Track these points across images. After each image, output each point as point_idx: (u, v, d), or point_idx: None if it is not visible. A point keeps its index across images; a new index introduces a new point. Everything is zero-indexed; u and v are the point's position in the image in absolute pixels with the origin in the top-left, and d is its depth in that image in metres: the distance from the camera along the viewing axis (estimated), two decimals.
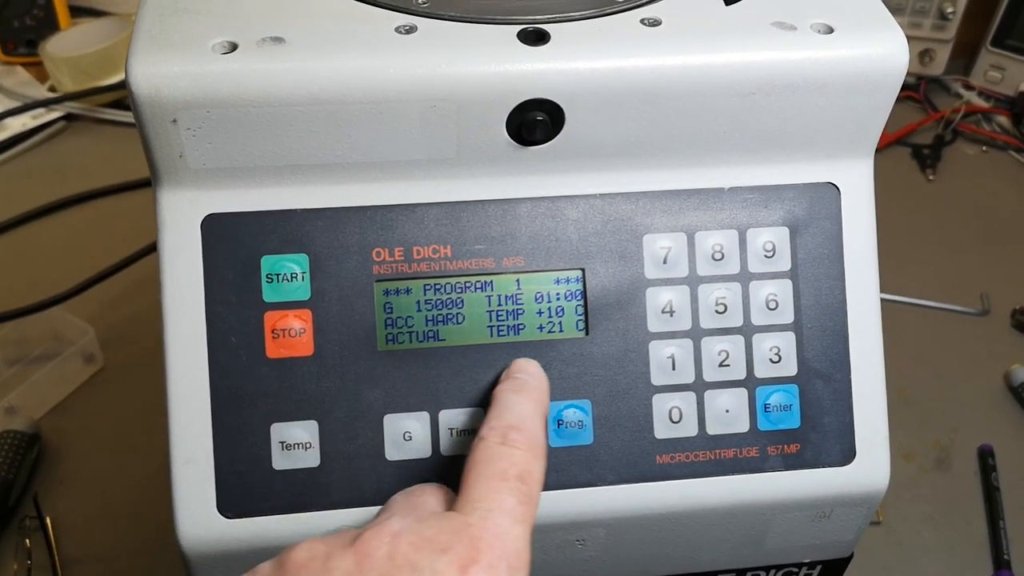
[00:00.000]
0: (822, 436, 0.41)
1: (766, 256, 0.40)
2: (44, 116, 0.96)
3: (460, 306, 0.39)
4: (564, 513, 0.40)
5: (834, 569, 0.45)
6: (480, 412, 0.39)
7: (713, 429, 0.40)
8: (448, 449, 0.39)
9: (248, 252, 0.38)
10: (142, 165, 0.37)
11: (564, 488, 0.39)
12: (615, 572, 0.43)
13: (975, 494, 0.65)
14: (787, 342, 0.40)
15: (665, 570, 0.43)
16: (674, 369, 0.40)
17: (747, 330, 0.40)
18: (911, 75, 1.03)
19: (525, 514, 0.32)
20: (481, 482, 0.33)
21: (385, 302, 0.39)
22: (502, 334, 0.39)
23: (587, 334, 0.40)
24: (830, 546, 0.44)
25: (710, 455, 0.40)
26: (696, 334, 0.40)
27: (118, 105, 0.97)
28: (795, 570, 0.45)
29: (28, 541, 0.59)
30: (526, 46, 0.37)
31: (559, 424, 0.39)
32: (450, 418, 0.39)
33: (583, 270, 0.40)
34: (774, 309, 0.40)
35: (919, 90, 1.02)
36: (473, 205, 0.39)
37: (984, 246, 0.86)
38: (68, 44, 0.98)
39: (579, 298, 0.40)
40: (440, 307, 0.39)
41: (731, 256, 0.40)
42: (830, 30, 0.38)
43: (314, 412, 0.38)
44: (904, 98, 1.02)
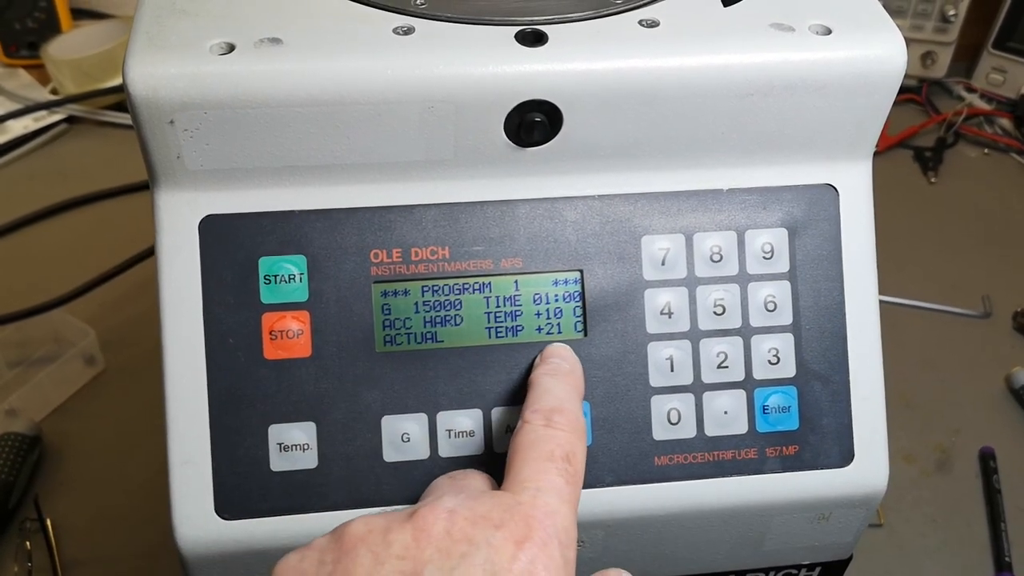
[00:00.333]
0: (821, 438, 0.40)
1: (764, 258, 0.40)
2: (46, 118, 0.96)
3: (458, 307, 0.39)
4: None
5: (833, 571, 0.45)
6: (478, 414, 0.39)
7: (711, 431, 0.40)
8: (446, 450, 0.39)
9: (246, 253, 0.38)
10: (144, 167, 0.37)
11: None
12: None
13: (976, 496, 0.65)
14: (786, 344, 0.40)
15: (664, 572, 0.43)
16: (672, 371, 0.40)
17: (745, 332, 0.40)
18: (913, 77, 1.02)
19: (572, 494, 0.33)
20: (529, 463, 0.33)
21: (383, 303, 0.39)
22: (500, 336, 0.39)
23: (585, 335, 0.40)
24: (829, 548, 0.44)
25: (708, 457, 0.40)
26: (694, 336, 0.40)
27: (120, 107, 0.97)
28: (794, 572, 0.45)
29: (28, 543, 0.59)
30: (524, 47, 0.37)
31: None
32: (448, 419, 0.39)
33: (581, 271, 0.40)
34: (772, 311, 0.40)
35: (921, 93, 1.02)
36: (471, 206, 0.39)
37: (986, 248, 0.86)
38: (70, 46, 0.98)
39: (577, 299, 0.40)
40: (438, 308, 0.39)
41: (729, 257, 0.40)
42: (828, 31, 0.38)
43: (312, 413, 0.38)
44: (906, 100, 1.01)
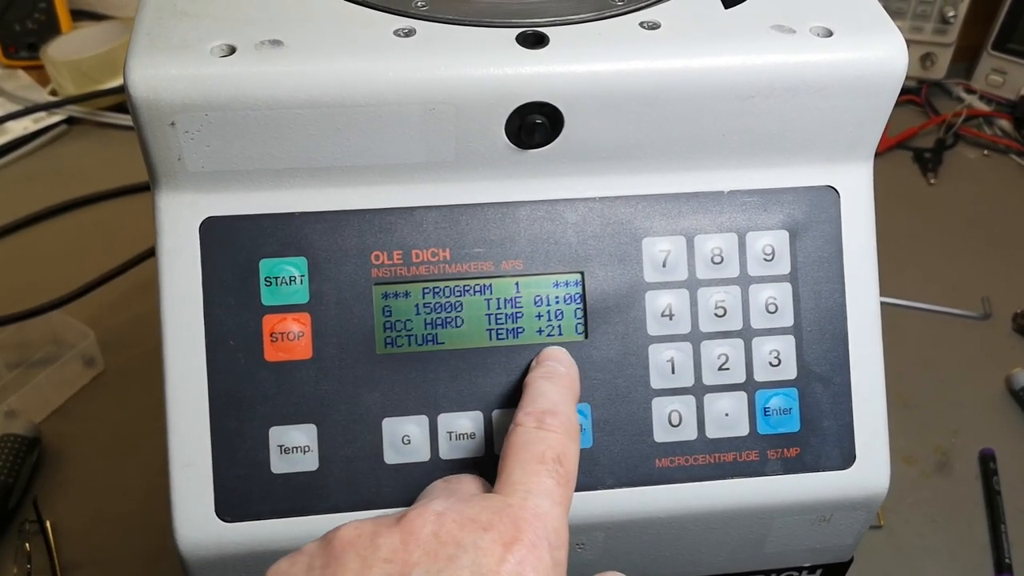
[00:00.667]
0: (822, 440, 0.40)
1: (765, 259, 0.40)
2: (45, 120, 0.96)
3: (459, 309, 0.39)
4: None
5: (834, 573, 0.45)
6: (479, 416, 0.39)
7: (712, 433, 0.40)
8: (447, 453, 0.39)
9: (247, 255, 0.38)
10: (144, 168, 0.37)
11: None
12: None
13: (976, 498, 0.65)
14: (787, 346, 0.40)
15: (664, 574, 0.43)
16: (673, 373, 0.40)
17: (746, 334, 0.40)
18: (912, 79, 1.02)
19: (563, 495, 0.33)
20: (520, 465, 0.33)
21: (384, 305, 0.39)
22: (501, 337, 0.39)
23: (586, 337, 0.40)
24: (830, 550, 0.44)
25: (709, 459, 0.40)
26: (695, 338, 0.40)
27: (120, 108, 0.97)
28: (795, 574, 0.45)
29: (28, 545, 0.59)
30: (525, 49, 0.37)
31: None
32: (449, 421, 0.39)
33: (582, 273, 0.40)
34: (773, 312, 0.40)
35: (920, 94, 1.02)
36: (472, 208, 0.39)
37: (985, 250, 0.86)
38: (69, 48, 0.98)
39: (578, 301, 0.40)
40: (439, 310, 0.39)
41: (730, 259, 0.40)
42: (829, 33, 0.38)
43: (313, 416, 0.38)
44: (905, 102, 1.01)
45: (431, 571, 0.29)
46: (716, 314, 0.40)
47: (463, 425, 0.39)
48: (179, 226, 0.38)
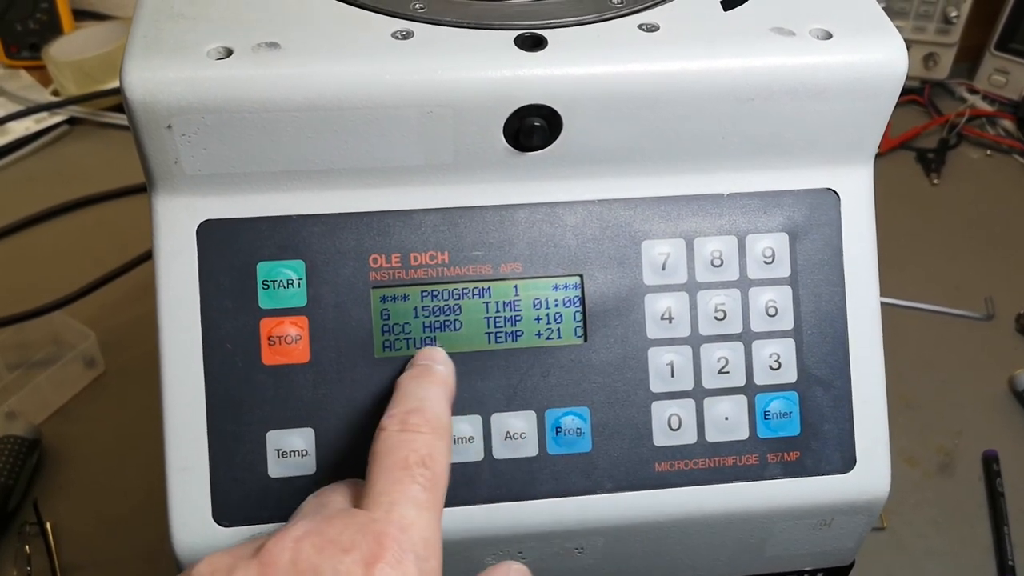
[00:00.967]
0: (822, 443, 0.40)
1: (765, 262, 0.40)
2: (47, 120, 0.96)
3: (457, 313, 0.39)
4: (562, 521, 0.39)
5: None
6: (477, 419, 0.39)
7: (712, 436, 0.40)
8: None
9: (244, 258, 0.38)
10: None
11: (562, 496, 0.39)
12: None
13: (979, 499, 0.65)
14: (787, 349, 0.40)
15: None
16: (673, 376, 0.40)
17: (746, 337, 0.40)
18: (915, 79, 1.02)
19: (431, 500, 0.32)
20: (383, 474, 0.32)
21: (382, 309, 0.38)
22: (500, 341, 0.39)
23: (585, 341, 0.39)
24: (831, 554, 0.44)
25: (709, 463, 0.40)
26: (695, 341, 0.40)
27: (121, 109, 0.96)
28: None
29: (28, 547, 0.59)
30: (523, 51, 0.36)
31: (557, 431, 0.39)
32: None
33: (581, 276, 0.39)
34: (773, 316, 0.40)
35: (923, 94, 1.02)
36: (470, 211, 0.39)
37: (988, 250, 0.86)
38: (71, 48, 0.98)
39: (577, 304, 0.39)
40: (437, 314, 0.39)
41: (730, 262, 0.40)
42: (829, 36, 0.38)
43: (310, 419, 0.38)
44: (908, 102, 1.01)
45: None
46: (716, 317, 0.40)
47: (461, 429, 0.39)
48: (176, 229, 0.38)
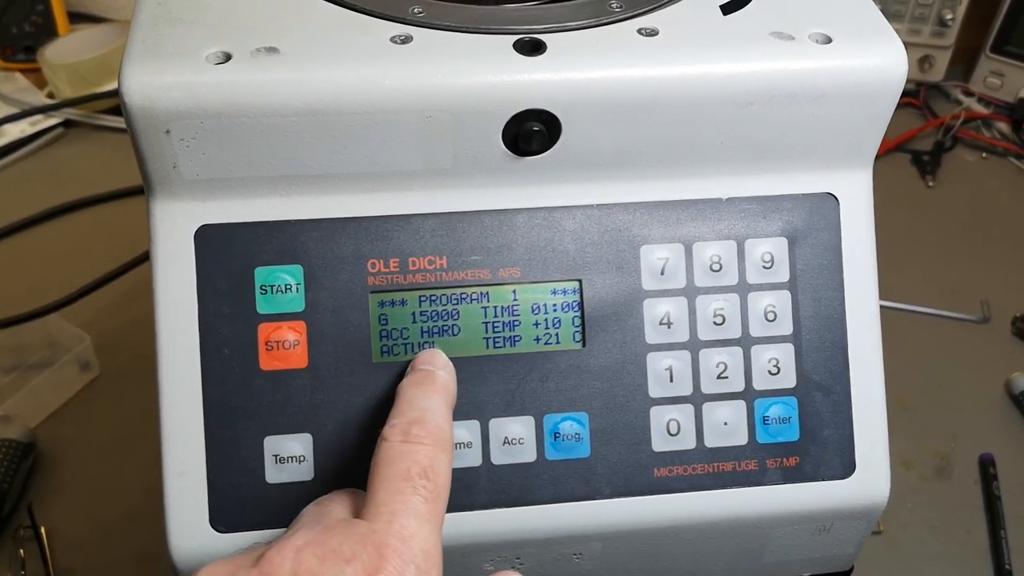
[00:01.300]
0: (821, 449, 0.40)
1: (764, 267, 0.40)
2: (42, 122, 0.95)
3: (456, 317, 0.39)
4: (561, 527, 0.39)
5: None
6: (475, 425, 0.39)
7: (711, 442, 0.40)
8: None
9: (242, 263, 0.38)
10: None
11: (561, 502, 0.39)
12: None
13: (976, 503, 0.65)
14: (786, 354, 0.40)
15: None
16: (672, 381, 0.40)
17: (745, 342, 0.40)
18: (910, 81, 1.02)
19: (432, 512, 0.32)
20: (384, 485, 0.32)
21: (380, 313, 0.38)
22: (498, 346, 0.39)
23: (584, 346, 0.39)
24: (830, 559, 0.44)
25: (708, 468, 0.40)
26: (694, 346, 0.40)
27: (117, 112, 0.97)
28: None
29: (22, 551, 0.59)
30: (522, 56, 0.36)
31: (556, 437, 0.39)
32: None
33: (580, 281, 0.39)
34: (773, 320, 0.40)
35: (919, 96, 1.02)
36: (469, 216, 0.39)
37: (984, 252, 0.86)
38: (67, 50, 0.97)
39: (576, 309, 0.39)
40: (435, 318, 0.39)
41: (729, 267, 0.40)
42: (828, 40, 0.38)
43: (308, 425, 0.38)
44: (904, 104, 1.01)
45: None
46: (715, 322, 0.40)
47: (460, 434, 0.39)
48: (174, 234, 0.37)
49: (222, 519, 0.37)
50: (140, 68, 0.35)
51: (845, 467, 0.40)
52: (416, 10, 0.38)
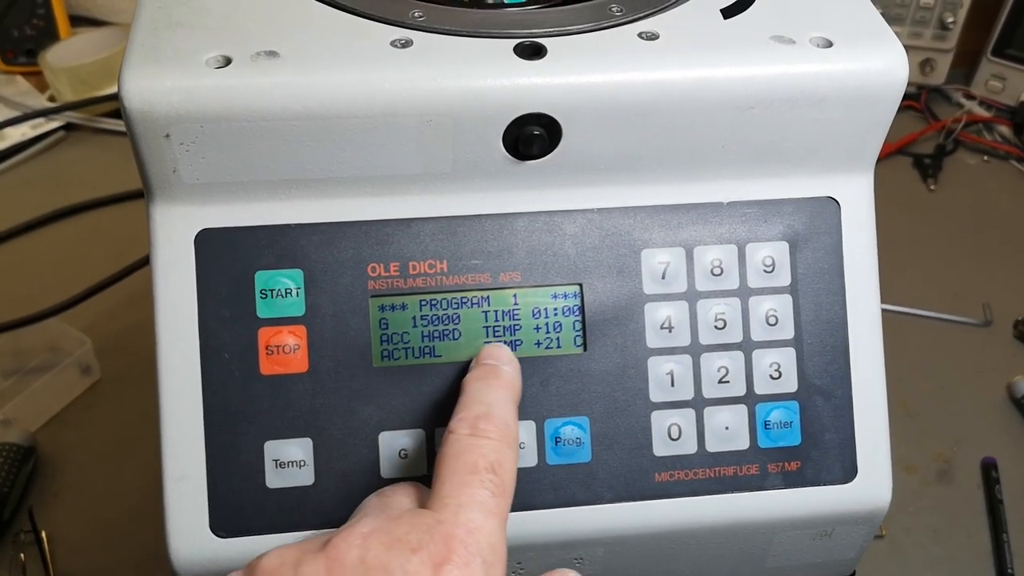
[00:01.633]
0: (823, 453, 0.40)
1: (766, 271, 0.40)
2: (43, 126, 0.95)
3: (456, 322, 0.39)
4: (562, 531, 0.39)
5: None
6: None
7: (713, 446, 0.40)
8: None
9: (242, 267, 0.38)
10: None
11: (562, 506, 0.39)
12: None
13: (978, 507, 0.65)
14: (787, 358, 0.40)
15: None
16: (673, 385, 0.40)
17: (747, 346, 0.40)
18: (912, 84, 1.02)
19: (498, 506, 0.32)
20: (452, 477, 0.32)
21: (380, 318, 0.38)
22: None
23: (585, 350, 0.39)
24: (832, 564, 0.43)
25: (710, 473, 0.40)
26: (695, 350, 0.40)
27: (118, 115, 0.97)
28: None
29: (23, 556, 0.59)
30: (523, 60, 0.36)
31: (557, 441, 0.39)
32: None
33: (581, 285, 0.39)
34: (774, 325, 0.40)
35: (920, 100, 1.02)
36: (469, 220, 0.39)
37: (986, 256, 0.86)
38: (68, 54, 0.97)
39: (577, 314, 0.39)
40: (436, 323, 0.39)
41: (730, 271, 0.40)
42: (829, 44, 0.38)
43: (308, 429, 0.38)
44: (905, 107, 1.01)
45: None
46: (716, 326, 0.40)
47: None
48: (174, 238, 0.37)
49: (222, 524, 0.37)
50: (140, 72, 0.35)
51: (847, 472, 0.40)
52: (416, 14, 0.38)
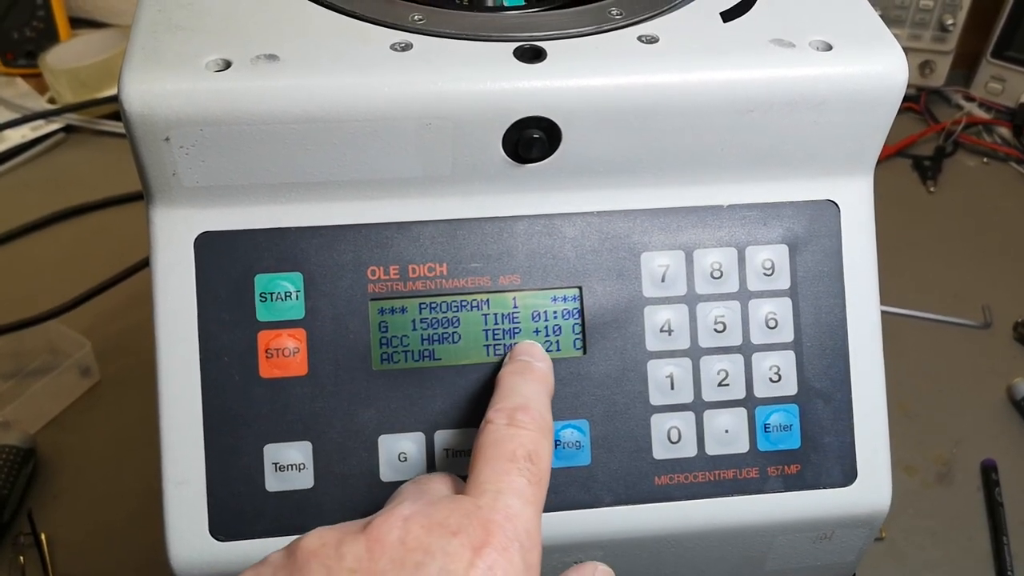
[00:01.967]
0: (823, 456, 0.40)
1: (765, 274, 0.40)
2: (43, 128, 0.95)
3: (456, 325, 0.39)
4: (561, 535, 0.39)
5: None
6: (477, 432, 0.38)
7: (712, 449, 0.40)
8: (444, 470, 0.38)
9: (242, 270, 0.38)
10: None
11: (561, 510, 0.39)
12: None
13: (978, 509, 0.65)
14: (787, 361, 0.40)
15: None
16: (673, 389, 0.39)
17: (746, 349, 0.40)
18: (911, 86, 1.02)
19: (535, 495, 0.32)
20: (490, 464, 0.33)
21: (380, 321, 0.38)
22: (499, 353, 0.39)
23: (585, 353, 0.39)
24: (831, 567, 0.43)
25: (709, 476, 0.40)
26: (695, 353, 0.40)
27: (117, 117, 0.97)
28: None
29: (22, 558, 0.59)
30: (522, 63, 0.36)
31: (556, 444, 0.39)
32: (446, 438, 0.38)
33: (580, 288, 0.39)
34: (774, 328, 0.40)
35: (920, 101, 1.02)
36: (469, 223, 0.39)
37: (986, 258, 0.86)
38: (68, 56, 0.97)
39: (576, 317, 0.39)
40: (436, 326, 0.39)
41: (730, 274, 0.40)
42: (829, 47, 0.38)
43: (308, 433, 0.38)
44: (905, 109, 1.01)
45: None
46: (715, 329, 0.40)
47: (460, 442, 0.38)
48: (174, 241, 0.37)
49: (222, 528, 0.37)
50: (140, 75, 0.35)
51: (846, 474, 0.40)
52: (416, 17, 0.38)
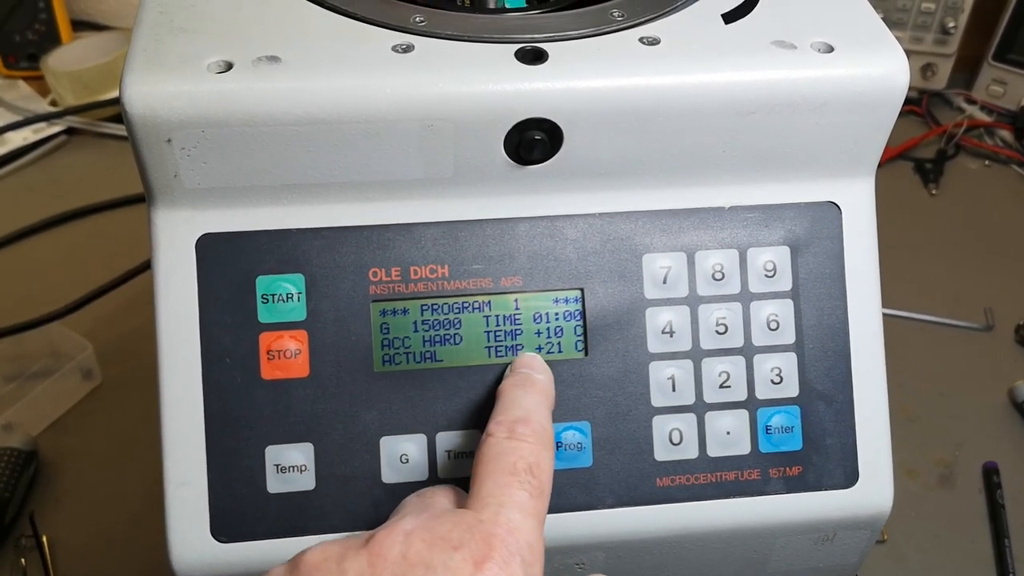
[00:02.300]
0: (824, 458, 0.40)
1: (767, 276, 0.40)
2: (45, 130, 0.95)
3: (458, 327, 0.39)
4: (563, 536, 0.39)
5: None
6: (478, 434, 0.38)
7: (714, 451, 0.40)
8: (445, 471, 0.38)
9: (243, 272, 0.38)
10: None
11: (563, 511, 0.39)
12: None
13: (980, 512, 0.65)
14: (788, 363, 0.40)
15: None
16: (674, 390, 0.39)
17: (748, 351, 0.40)
18: (913, 89, 1.02)
19: (536, 507, 0.33)
20: (491, 478, 0.33)
21: (382, 323, 0.38)
22: (500, 355, 0.39)
23: (586, 355, 0.39)
24: (833, 569, 0.43)
25: (711, 477, 0.40)
26: (696, 355, 0.40)
27: (119, 119, 0.96)
28: None
29: (24, 561, 0.59)
30: (524, 65, 0.36)
31: (558, 446, 0.39)
32: (447, 440, 0.38)
33: (582, 290, 0.39)
34: (775, 329, 0.40)
35: (921, 104, 1.02)
36: (471, 225, 0.39)
37: (987, 261, 0.86)
38: (70, 58, 0.98)
39: (578, 318, 0.39)
40: (437, 328, 0.39)
41: (731, 276, 0.40)
42: (830, 49, 0.38)
43: (309, 434, 0.38)
44: (906, 112, 1.01)
45: None
46: (717, 331, 0.40)
47: (462, 443, 0.38)
48: (175, 243, 0.37)
49: (223, 529, 0.37)
50: (142, 77, 0.35)
51: (848, 476, 0.40)
52: (417, 19, 0.38)
